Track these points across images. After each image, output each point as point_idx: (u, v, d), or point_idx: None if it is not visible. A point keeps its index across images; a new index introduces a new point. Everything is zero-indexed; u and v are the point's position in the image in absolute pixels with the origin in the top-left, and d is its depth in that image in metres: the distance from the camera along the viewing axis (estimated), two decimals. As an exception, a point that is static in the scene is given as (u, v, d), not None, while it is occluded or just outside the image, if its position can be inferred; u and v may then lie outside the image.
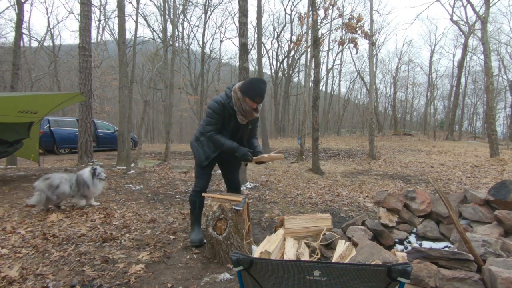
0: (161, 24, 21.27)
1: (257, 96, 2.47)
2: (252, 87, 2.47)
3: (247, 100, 2.50)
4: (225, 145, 2.57)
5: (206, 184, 2.81)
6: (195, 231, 2.81)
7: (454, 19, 20.32)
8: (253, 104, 2.51)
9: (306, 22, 11.20)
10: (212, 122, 2.58)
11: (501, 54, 27.13)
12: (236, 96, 2.54)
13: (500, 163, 8.79)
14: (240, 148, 2.56)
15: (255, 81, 2.50)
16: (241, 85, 2.54)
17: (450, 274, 1.74)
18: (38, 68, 23.09)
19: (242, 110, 2.56)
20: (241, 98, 2.52)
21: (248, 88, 2.48)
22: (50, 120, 11.61)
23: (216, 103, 2.56)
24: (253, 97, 2.47)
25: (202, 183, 2.79)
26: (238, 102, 2.54)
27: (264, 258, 2.00)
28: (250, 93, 2.47)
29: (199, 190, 2.78)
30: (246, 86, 2.49)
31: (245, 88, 2.49)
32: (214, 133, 2.61)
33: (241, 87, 2.53)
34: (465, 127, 39.82)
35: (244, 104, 2.53)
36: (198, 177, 2.80)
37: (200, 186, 2.78)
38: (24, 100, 5.36)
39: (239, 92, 2.53)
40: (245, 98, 2.50)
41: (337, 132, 29.97)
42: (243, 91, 2.50)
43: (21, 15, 8.59)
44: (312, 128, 7.53)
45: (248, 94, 2.48)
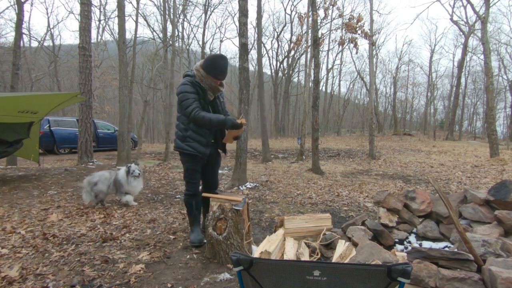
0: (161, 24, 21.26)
1: (219, 73, 2.57)
2: (213, 65, 2.54)
3: (210, 77, 2.57)
4: (213, 120, 2.47)
5: (198, 187, 2.79)
6: (194, 232, 2.80)
7: (454, 19, 20.33)
8: (216, 82, 2.60)
9: (306, 22, 11.20)
10: (191, 101, 2.50)
11: (501, 54, 27.14)
12: (199, 74, 2.58)
13: (500, 163, 8.79)
14: (228, 119, 2.53)
15: (215, 58, 2.57)
16: (203, 64, 2.58)
17: (450, 274, 1.74)
18: (38, 68, 23.09)
19: (209, 86, 2.61)
20: (204, 75, 2.57)
21: (209, 66, 2.55)
22: (50, 120, 11.62)
23: (186, 84, 2.55)
24: (216, 75, 2.56)
25: (194, 187, 2.75)
26: (203, 79, 2.58)
27: (264, 258, 2.00)
28: (212, 72, 2.55)
29: (192, 193, 2.76)
30: (207, 64, 2.55)
31: (206, 67, 2.55)
32: (197, 110, 2.49)
33: (203, 65, 2.57)
34: (465, 127, 39.83)
35: (209, 80, 2.58)
36: (189, 181, 2.74)
37: (193, 190, 2.75)
38: (24, 100, 5.36)
39: (201, 70, 2.58)
40: (207, 76, 2.57)
41: (337, 132, 29.98)
42: (205, 68, 2.57)
43: (21, 15, 8.59)
44: (312, 128, 7.53)
45: (211, 73, 2.55)
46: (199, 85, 2.58)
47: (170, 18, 13.31)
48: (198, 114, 2.48)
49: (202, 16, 27.85)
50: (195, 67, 2.62)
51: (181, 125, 2.65)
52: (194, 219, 2.83)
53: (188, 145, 2.60)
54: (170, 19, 13.26)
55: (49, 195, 4.61)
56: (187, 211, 2.86)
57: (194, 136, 2.60)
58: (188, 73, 2.65)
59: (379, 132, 26.80)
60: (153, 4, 34.21)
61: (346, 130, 33.87)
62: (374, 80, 19.64)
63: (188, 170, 2.70)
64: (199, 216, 2.88)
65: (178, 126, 2.67)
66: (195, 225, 2.84)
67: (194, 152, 2.60)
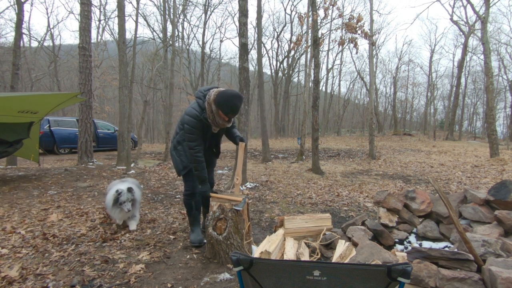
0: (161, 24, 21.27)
1: (231, 112, 2.46)
2: (228, 103, 2.42)
3: (220, 113, 2.48)
4: (200, 173, 2.60)
5: (197, 185, 2.78)
6: (194, 232, 2.82)
7: (454, 19, 20.33)
8: (225, 118, 2.51)
9: (306, 22, 11.20)
10: (193, 138, 2.56)
11: (501, 54, 27.14)
12: (210, 108, 2.50)
13: (500, 163, 8.79)
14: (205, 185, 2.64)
15: (232, 96, 2.43)
16: (216, 97, 2.45)
17: (450, 274, 1.74)
18: (38, 68, 23.10)
19: (215, 122, 2.55)
20: (215, 111, 2.49)
21: (223, 102, 2.42)
22: (50, 120, 11.61)
23: (194, 118, 2.52)
24: (227, 113, 2.46)
25: (193, 186, 2.78)
26: (211, 115, 2.52)
27: (264, 258, 2.00)
28: (224, 108, 2.44)
29: (191, 193, 2.80)
30: (221, 99, 2.42)
31: (220, 102, 2.43)
32: (198, 151, 2.58)
33: (216, 99, 2.45)
34: (465, 127, 39.84)
35: (217, 117, 2.51)
36: (187, 180, 2.79)
37: (191, 189, 2.79)
38: (24, 100, 5.36)
39: (213, 105, 2.47)
40: (218, 111, 2.48)
41: (337, 132, 29.97)
42: (218, 104, 2.44)
43: (21, 15, 8.59)
44: (312, 128, 7.53)
45: (222, 109, 2.44)
46: (206, 121, 2.56)
47: (170, 18, 13.31)
48: (196, 156, 2.58)
49: (202, 16, 27.85)
50: (208, 98, 2.50)
51: (178, 137, 2.78)
52: (194, 219, 2.85)
53: (174, 155, 2.78)
54: (170, 19, 13.27)
55: (49, 195, 4.61)
56: (186, 211, 2.88)
57: (181, 153, 2.76)
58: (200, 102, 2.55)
59: (379, 132, 26.80)
60: (153, 4, 34.22)
61: (346, 130, 33.87)
62: (374, 80, 19.64)
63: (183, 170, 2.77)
64: (199, 216, 2.89)
65: (176, 136, 2.80)
66: (195, 225, 2.86)
67: (174, 162, 2.79)
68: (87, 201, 4.32)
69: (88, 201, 4.36)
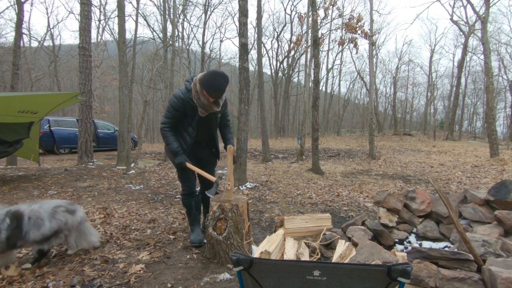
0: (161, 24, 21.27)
1: (213, 91, 2.42)
2: (211, 81, 2.41)
3: (204, 93, 2.46)
4: (171, 146, 2.58)
5: (194, 184, 2.78)
6: (194, 232, 2.80)
7: (454, 19, 20.33)
8: (209, 98, 2.47)
9: (306, 22, 11.20)
10: (168, 115, 2.57)
11: (501, 54, 27.15)
12: (195, 88, 2.50)
13: (500, 163, 8.79)
14: (180, 156, 2.57)
15: (215, 74, 2.42)
16: (202, 77, 2.47)
17: (450, 274, 1.74)
18: (38, 68, 23.10)
19: (200, 103, 2.52)
20: (200, 91, 2.47)
21: (207, 81, 2.41)
22: (50, 120, 11.62)
23: (176, 98, 2.52)
24: (210, 91, 2.43)
25: (189, 185, 2.76)
26: (196, 95, 2.49)
27: (264, 258, 2.00)
28: (207, 87, 2.43)
29: (188, 192, 2.77)
30: (205, 79, 2.43)
31: (203, 80, 2.43)
32: (166, 127, 2.58)
33: (201, 79, 2.46)
34: (465, 127, 39.85)
35: (202, 96, 2.48)
36: (183, 180, 2.76)
37: (188, 189, 2.77)
38: (24, 100, 5.36)
39: (198, 84, 2.47)
40: (202, 90, 2.45)
41: (337, 132, 29.98)
42: (202, 82, 2.45)
43: (21, 15, 8.59)
44: (312, 128, 7.53)
45: (206, 87, 2.43)
46: (192, 102, 2.52)
47: (170, 18, 13.31)
48: (164, 131, 2.58)
49: (202, 16, 27.85)
50: (195, 79, 2.53)
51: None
52: (194, 219, 2.83)
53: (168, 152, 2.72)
54: (170, 19, 13.27)
55: (49, 195, 4.61)
56: (186, 211, 2.86)
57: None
58: (188, 84, 2.58)
59: (379, 132, 26.80)
60: (153, 4, 34.23)
61: (346, 130, 33.88)
62: (374, 80, 19.65)
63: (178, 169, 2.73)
64: (199, 216, 2.88)
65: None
66: (195, 225, 2.83)
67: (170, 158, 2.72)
68: (87, 201, 4.32)
69: (88, 201, 4.36)
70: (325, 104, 31.14)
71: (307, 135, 12.39)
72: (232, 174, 2.53)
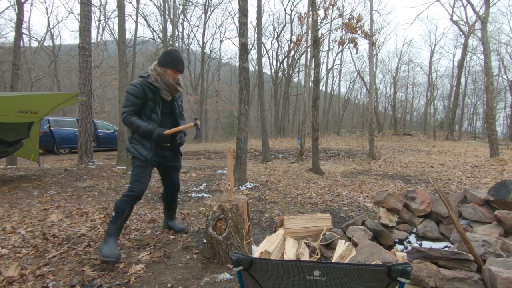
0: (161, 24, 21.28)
1: (178, 63, 2.53)
2: (171, 57, 2.52)
3: (169, 72, 2.52)
4: (141, 127, 2.45)
5: (145, 188, 2.52)
6: (110, 244, 2.32)
7: (454, 19, 20.34)
8: (175, 74, 2.54)
9: (306, 22, 11.20)
10: (128, 104, 2.48)
11: (501, 54, 27.18)
12: (155, 73, 2.51)
13: (500, 163, 8.79)
14: (156, 130, 2.47)
15: (171, 52, 2.57)
16: (158, 61, 2.55)
17: (450, 274, 1.74)
18: (38, 68, 23.11)
19: (165, 84, 2.53)
20: (162, 72, 2.51)
21: (167, 59, 2.51)
22: (50, 120, 11.62)
23: (134, 85, 2.48)
24: (175, 66, 2.52)
25: (142, 187, 2.48)
26: (159, 78, 2.51)
27: (264, 258, 2.00)
28: (170, 63, 2.51)
29: (138, 195, 2.46)
30: (164, 59, 2.52)
31: (164, 61, 2.52)
32: (128, 114, 2.47)
33: (159, 62, 2.54)
34: (465, 127, 39.86)
35: (167, 77, 2.52)
36: (138, 180, 2.47)
37: (139, 191, 2.46)
38: (24, 100, 5.36)
39: (158, 68, 2.51)
40: (166, 70, 2.51)
41: (337, 132, 29.98)
42: (163, 64, 2.51)
43: (21, 15, 8.59)
44: (312, 128, 7.53)
45: (170, 65, 2.51)
46: (152, 86, 2.49)
47: (170, 18, 13.32)
48: (128, 118, 2.46)
49: (202, 16, 27.87)
50: (150, 68, 2.55)
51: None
52: (118, 229, 2.42)
53: (132, 147, 2.54)
54: (170, 19, 13.27)
55: (49, 195, 4.61)
56: (114, 216, 2.40)
57: (139, 138, 2.55)
58: (143, 74, 2.56)
59: (379, 132, 26.80)
60: (153, 4, 34.24)
61: (346, 130, 33.88)
62: (374, 80, 19.65)
63: (139, 167, 2.51)
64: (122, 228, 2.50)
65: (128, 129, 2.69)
66: (114, 236, 2.39)
67: (137, 154, 2.51)
68: (87, 201, 4.32)
69: (88, 201, 4.36)
70: (325, 104, 31.15)
71: (307, 135, 12.39)
72: (232, 174, 2.53)
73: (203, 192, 5.04)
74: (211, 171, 7.32)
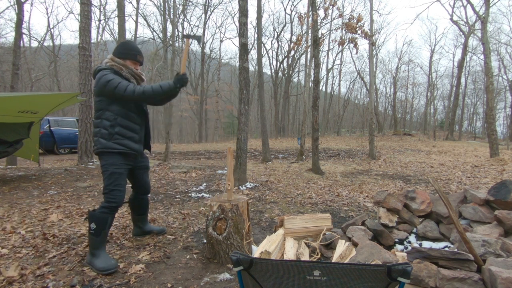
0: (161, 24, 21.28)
1: (137, 53, 2.42)
2: (129, 48, 2.40)
3: (128, 63, 2.38)
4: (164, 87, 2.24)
5: (124, 197, 2.34)
6: (101, 256, 2.24)
7: (454, 19, 20.34)
8: (136, 65, 2.43)
9: (306, 22, 11.21)
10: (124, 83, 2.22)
11: (501, 54, 27.19)
12: (116, 64, 2.34)
13: (500, 163, 8.79)
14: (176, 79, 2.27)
15: (127, 42, 2.45)
16: (114, 54, 2.38)
17: (450, 274, 1.74)
18: (38, 68, 23.11)
19: (131, 74, 2.38)
20: (123, 64, 2.35)
21: (125, 50, 2.38)
22: (50, 120, 11.63)
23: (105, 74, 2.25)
24: (135, 56, 2.40)
25: (121, 196, 2.29)
26: (123, 68, 2.36)
27: (264, 258, 2.00)
28: (129, 54, 2.38)
29: (117, 205, 2.28)
30: (120, 51, 2.37)
31: (121, 52, 2.37)
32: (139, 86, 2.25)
33: (115, 54, 2.37)
34: (465, 127, 39.88)
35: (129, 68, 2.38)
36: (115, 188, 2.25)
37: (118, 201, 2.27)
38: (24, 100, 5.36)
39: (118, 60, 2.35)
40: (125, 61, 2.37)
41: (337, 132, 29.99)
42: (122, 56, 2.36)
43: (21, 15, 8.59)
44: (312, 128, 7.53)
45: (129, 55, 2.38)
46: (120, 75, 2.32)
47: (170, 18, 13.31)
48: (143, 88, 2.21)
49: (202, 16, 27.88)
50: (106, 61, 2.36)
51: (105, 122, 2.27)
52: (103, 241, 2.28)
53: (117, 143, 2.25)
54: (170, 19, 13.27)
55: (49, 195, 4.61)
56: (95, 229, 2.22)
57: (124, 132, 2.29)
58: (102, 67, 2.33)
59: (379, 132, 26.81)
60: (153, 4, 34.25)
61: (346, 130, 33.89)
62: (374, 80, 19.65)
63: (114, 174, 2.26)
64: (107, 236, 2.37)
65: (101, 124, 2.28)
66: (102, 248, 2.28)
67: (126, 149, 2.28)
68: (87, 201, 4.32)
69: (88, 201, 4.36)
70: (325, 104, 31.16)
71: (307, 135, 12.40)
72: (232, 174, 2.53)
73: (203, 192, 5.04)
74: (211, 171, 7.32)
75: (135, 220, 2.87)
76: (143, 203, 2.81)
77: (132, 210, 2.82)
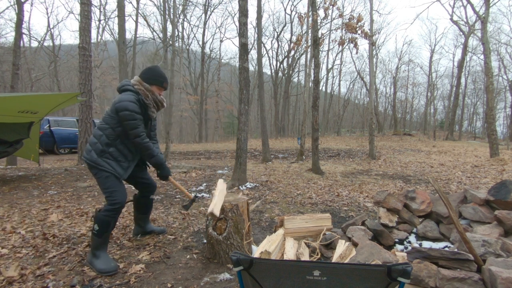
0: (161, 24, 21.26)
1: (164, 80, 2.48)
2: (156, 74, 2.45)
3: (154, 88, 2.44)
4: (157, 157, 2.39)
5: (126, 196, 2.39)
6: (102, 257, 2.27)
7: (454, 19, 20.34)
8: (160, 91, 2.49)
9: (306, 22, 11.21)
10: (138, 124, 2.29)
11: (501, 54, 27.19)
12: (143, 89, 2.40)
13: (500, 163, 8.79)
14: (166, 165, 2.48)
15: (153, 67, 2.51)
16: (142, 78, 2.44)
17: (450, 274, 1.74)
18: (38, 68, 23.11)
19: (154, 102, 2.46)
20: (149, 89, 2.42)
21: (152, 76, 2.44)
22: (50, 120, 11.63)
23: (133, 102, 2.29)
24: (161, 82, 2.47)
25: (123, 195, 2.33)
26: (149, 94, 2.42)
27: (264, 258, 2.00)
28: (157, 80, 2.45)
29: (121, 205, 2.30)
30: (148, 76, 2.44)
31: (149, 78, 2.43)
32: (145, 136, 2.35)
33: (143, 79, 2.43)
34: (465, 127, 39.89)
35: (155, 94, 2.45)
36: (115, 190, 2.29)
37: (121, 200, 2.30)
38: (24, 100, 5.36)
39: (145, 85, 2.41)
40: (152, 87, 2.43)
41: (337, 132, 29.99)
42: (149, 81, 2.43)
43: (21, 15, 8.59)
44: (312, 128, 7.53)
45: (156, 82, 2.44)
46: (143, 103, 2.40)
47: (170, 18, 13.31)
48: (145, 142, 2.33)
49: (202, 16, 27.88)
50: (134, 84, 2.41)
51: (104, 138, 2.32)
52: (105, 241, 2.34)
53: (105, 162, 2.30)
54: (170, 19, 13.27)
55: (49, 195, 4.61)
56: (98, 230, 2.25)
57: (116, 155, 2.34)
58: (130, 88, 2.39)
59: (379, 132, 26.81)
60: (153, 4, 34.26)
61: (346, 130, 33.90)
62: (374, 80, 19.65)
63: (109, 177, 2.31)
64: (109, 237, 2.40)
65: (100, 139, 2.32)
66: (104, 249, 2.34)
67: (111, 170, 2.30)
68: (87, 201, 4.32)
69: (88, 201, 4.36)
70: (325, 104, 31.16)
71: (307, 135, 12.39)
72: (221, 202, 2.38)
73: (203, 192, 5.04)
74: (211, 171, 7.32)
75: (137, 219, 2.90)
76: (148, 202, 2.86)
77: (135, 208, 2.86)
